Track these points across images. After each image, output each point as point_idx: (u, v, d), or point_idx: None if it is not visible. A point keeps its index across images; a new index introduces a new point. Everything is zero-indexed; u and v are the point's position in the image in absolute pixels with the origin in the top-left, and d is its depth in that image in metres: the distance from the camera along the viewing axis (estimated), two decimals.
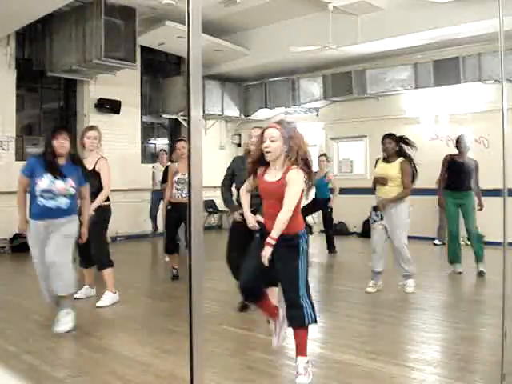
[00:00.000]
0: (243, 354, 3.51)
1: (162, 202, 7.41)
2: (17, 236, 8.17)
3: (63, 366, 3.28)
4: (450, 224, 6.28)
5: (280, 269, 2.94)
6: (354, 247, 9.47)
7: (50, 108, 9.93)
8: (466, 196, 6.11)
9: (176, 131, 11.77)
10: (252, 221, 3.31)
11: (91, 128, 5.12)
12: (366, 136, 10.46)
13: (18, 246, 8.05)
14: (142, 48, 10.03)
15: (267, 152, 2.92)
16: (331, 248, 8.19)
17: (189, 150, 1.21)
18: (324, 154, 8.59)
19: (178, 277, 6.05)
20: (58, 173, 3.92)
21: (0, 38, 8.36)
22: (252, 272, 3.03)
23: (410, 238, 5.32)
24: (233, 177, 4.64)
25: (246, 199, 3.33)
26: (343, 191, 9.57)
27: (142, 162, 10.81)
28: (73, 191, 3.98)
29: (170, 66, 11.61)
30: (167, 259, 6.62)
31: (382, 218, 5.18)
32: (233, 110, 11.47)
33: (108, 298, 4.84)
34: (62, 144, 4.00)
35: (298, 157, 2.88)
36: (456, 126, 9.22)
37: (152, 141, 11.67)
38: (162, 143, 11.88)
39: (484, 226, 7.50)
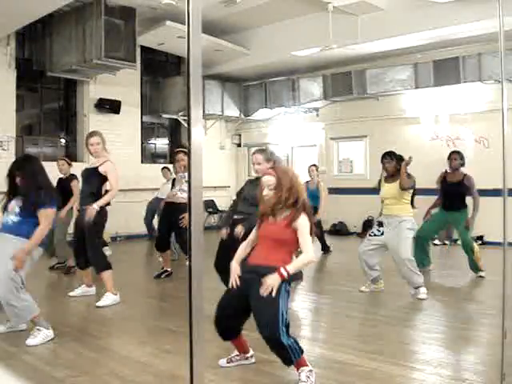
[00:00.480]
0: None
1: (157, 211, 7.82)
2: None
3: (63, 366, 3.28)
4: (424, 229, 6.14)
5: (257, 304, 2.84)
6: (354, 247, 9.42)
7: (50, 108, 9.94)
8: (457, 214, 6.05)
9: (176, 131, 11.78)
10: (234, 274, 3.06)
11: (92, 134, 5.06)
12: (366, 136, 10.46)
13: None
14: (142, 48, 10.03)
15: (268, 201, 2.99)
16: (325, 248, 8.18)
17: (189, 150, 1.21)
18: (314, 165, 8.47)
19: (161, 276, 6.18)
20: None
21: (0, 38, 8.37)
22: (227, 310, 3.02)
23: None
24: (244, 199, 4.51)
25: (244, 251, 3.14)
26: (343, 191, 9.61)
27: (142, 162, 10.82)
28: (17, 209, 3.73)
29: (169, 66, 11.61)
30: (160, 258, 6.67)
31: (382, 235, 5.17)
32: (233, 110, 11.47)
33: (109, 298, 4.84)
34: None
35: (298, 200, 2.94)
36: (456, 125, 9.23)
37: (152, 141, 11.67)
38: (162, 143, 11.88)
39: (484, 226, 7.51)
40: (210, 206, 11.47)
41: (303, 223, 2.89)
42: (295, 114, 11.61)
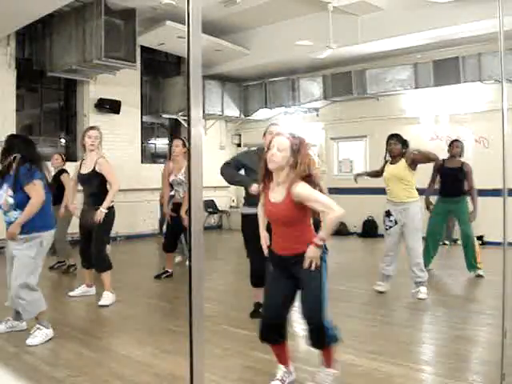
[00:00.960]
0: (243, 354, 3.51)
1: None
2: None
3: (63, 366, 3.28)
4: (432, 225, 6.19)
5: (302, 290, 2.74)
6: (354, 247, 9.47)
7: (50, 108, 9.94)
8: (457, 202, 6.07)
9: (176, 131, 11.77)
10: (265, 244, 2.96)
11: (92, 128, 5.09)
12: (365, 136, 10.47)
13: None
14: (142, 48, 10.03)
15: (272, 161, 2.64)
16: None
17: (189, 150, 1.21)
18: None
19: (161, 276, 6.18)
20: None
21: (0, 38, 8.37)
22: (276, 309, 2.80)
23: None
24: (239, 170, 4.37)
25: (262, 215, 2.95)
26: (343, 191, 9.60)
27: (142, 162, 10.82)
28: (12, 201, 3.65)
29: (169, 66, 11.61)
30: (176, 259, 6.73)
31: (396, 223, 5.08)
32: (233, 110, 11.47)
33: (109, 297, 4.86)
34: None
35: (302, 173, 2.62)
36: (456, 126, 9.23)
37: (152, 141, 11.67)
38: (162, 143, 11.88)
39: (484, 226, 7.51)
40: (210, 206, 11.47)
41: (302, 189, 2.58)
42: (295, 113, 11.61)
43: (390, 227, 5.13)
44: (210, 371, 3.05)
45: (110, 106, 9.87)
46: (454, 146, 6.22)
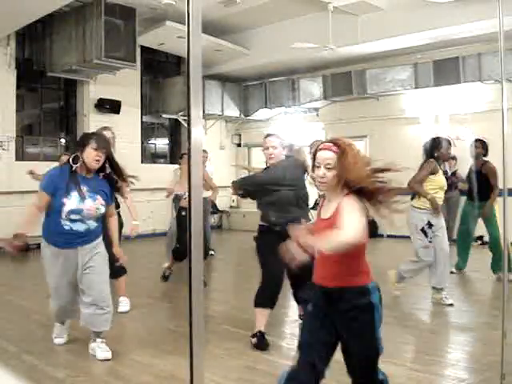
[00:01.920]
0: (243, 354, 3.50)
1: None
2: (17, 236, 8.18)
3: (63, 366, 3.28)
4: (464, 229, 6.01)
5: (351, 344, 2.26)
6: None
7: (50, 108, 9.94)
8: (482, 205, 5.67)
9: (176, 131, 11.78)
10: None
11: (105, 128, 4.61)
12: (365, 136, 10.46)
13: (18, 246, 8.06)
14: (142, 48, 10.03)
15: (322, 183, 2.17)
16: None
17: (189, 150, 1.21)
18: None
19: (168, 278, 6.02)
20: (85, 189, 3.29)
21: (0, 38, 8.37)
22: (318, 354, 2.26)
23: (409, 237, 5.29)
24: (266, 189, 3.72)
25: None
26: None
27: (141, 161, 10.81)
28: (103, 211, 3.38)
29: (170, 66, 11.61)
30: (165, 264, 6.20)
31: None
32: (233, 110, 11.46)
33: (127, 302, 4.73)
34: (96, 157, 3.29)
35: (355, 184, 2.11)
36: (456, 126, 9.23)
37: (152, 141, 11.67)
38: (162, 143, 11.88)
39: (484, 226, 7.48)
40: (210, 206, 11.46)
41: (345, 204, 2.07)
42: (295, 113, 11.60)
43: (431, 240, 4.75)
44: (210, 371, 3.04)
45: (109, 106, 9.87)
46: (474, 146, 5.95)
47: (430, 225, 4.70)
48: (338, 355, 3.44)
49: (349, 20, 8.40)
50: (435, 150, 4.77)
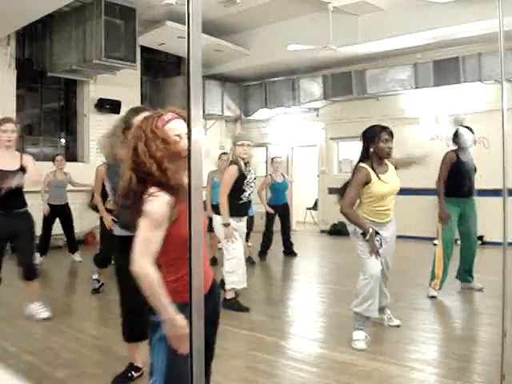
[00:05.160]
0: (243, 353, 3.51)
1: None
2: None
3: (63, 366, 3.28)
4: (448, 238, 5.09)
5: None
6: (354, 247, 9.45)
7: (50, 108, 9.93)
8: (468, 203, 5.15)
9: None
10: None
11: (6, 120, 4.24)
12: None
13: None
14: (142, 48, 10.02)
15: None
16: (290, 251, 7.86)
17: (189, 150, 1.21)
18: (279, 156, 8.34)
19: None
20: None
21: (0, 38, 8.37)
22: None
23: (410, 237, 5.28)
24: None
25: None
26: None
27: None
28: None
29: (169, 66, 11.61)
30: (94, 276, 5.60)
31: (381, 245, 3.79)
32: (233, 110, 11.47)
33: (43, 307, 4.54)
34: None
35: None
36: (456, 126, 9.22)
37: None
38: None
39: (484, 226, 7.48)
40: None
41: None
42: (295, 113, 11.60)
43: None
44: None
45: (109, 106, 9.86)
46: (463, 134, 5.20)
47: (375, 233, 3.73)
48: (338, 355, 3.45)
49: (349, 20, 8.40)
50: (371, 144, 3.68)
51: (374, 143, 3.64)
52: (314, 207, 12.11)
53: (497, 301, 3.03)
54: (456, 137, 5.21)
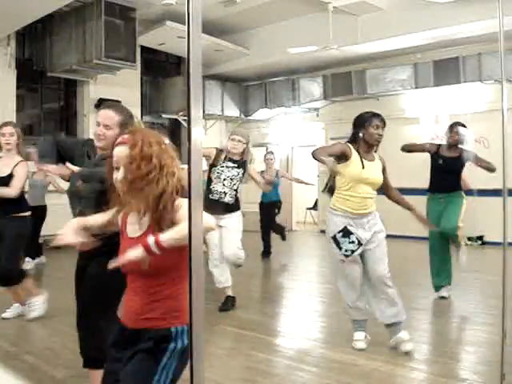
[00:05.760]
0: (243, 353, 3.51)
1: None
2: None
3: (63, 366, 3.27)
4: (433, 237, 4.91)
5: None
6: None
7: (50, 108, 9.94)
8: (454, 195, 4.89)
9: (176, 131, 11.78)
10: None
11: (5, 124, 4.19)
12: None
13: None
14: (142, 48, 10.02)
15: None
16: (267, 253, 7.68)
17: (189, 150, 1.21)
18: (271, 152, 8.20)
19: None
20: None
21: (0, 38, 8.36)
22: None
23: (410, 238, 5.26)
24: None
25: None
26: None
27: None
28: None
29: (170, 66, 11.61)
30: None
31: (359, 244, 3.41)
32: (233, 110, 11.47)
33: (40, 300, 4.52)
34: None
35: None
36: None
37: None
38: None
39: (484, 226, 7.50)
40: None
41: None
42: (295, 113, 11.60)
43: (353, 252, 3.44)
44: (210, 371, 3.05)
45: None
46: (454, 131, 4.93)
47: (347, 232, 3.43)
48: (338, 355, 3.45)
49: (349, 20, 8.40)
50: (360, 129, 3.57)
51: (364, 128, 3.53)
52: (314, 207, 12.11)
53: (497, 301, 3.03)
54: (450, 133, 5.00)
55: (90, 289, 2.57)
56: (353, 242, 3.40)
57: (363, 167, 3.43)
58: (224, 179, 4.52)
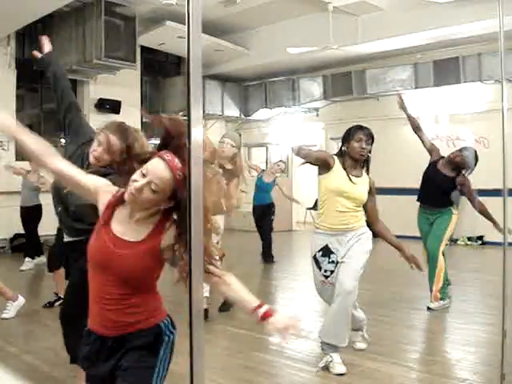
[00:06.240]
0: (243, 353, 3.51)
1: None
2: (17, 236, 8.19)
3: (63, 366, 3.27)
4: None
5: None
6: None
7: (50, 108, 9.91)
8: (443, 211, 4.75)
9: None
10: None
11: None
12: None
13: (18, 245, 8.07)
14: (142, 48, 10.02)
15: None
16: (268, 258, 7.45)
17: (189, 150, 1.21)
18: (283, 161, 8.24)
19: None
20: None
21: (0, 37, 8.37)
22: None
23: (410, 237, 5.25)
24: None
25: None
26: None
27: None
28: None
29: (170, 66, 11.61)
30: None
31: (336, 264, 3.21)
32: (233, 110, 11.47)
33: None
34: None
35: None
36: (456, 126, 9.23)
37: (152, 141, 11.66)
38: None
39: (484, 226, 7.48)
40: None
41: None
42: (295, 113, 11.60)
43: (332, 272, 3.22)
44: (210, 371, 3.05)
45: (109, 106, 9.86)
46: (456, 154, 4.75)
47: (327, 251, 3.23)
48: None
49: (349, 20, 8.40)
50: (345, 143, 3.41)
51: (348, 141, 3.37)
52: (314, 207, 12.11)
53: (497, 301, 3.03)
54: (457, 151, 4.84)
55: (74, 285, 2.55)
56: (332, 262, 3.20)
57: (344, 180, 3.24)
58: None
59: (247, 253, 8.11)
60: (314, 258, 3.28)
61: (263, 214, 7.47)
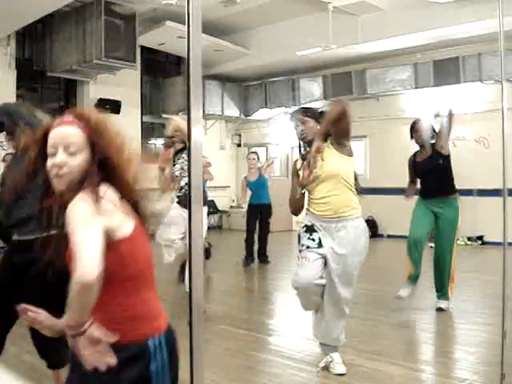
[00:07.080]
0: (243, 354, 3.51)
1: None
2: None
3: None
4: (415, 230, 4.58)
5: None
6: None
7: (50, 108, 9.94)
8: (445, 202, 4.54)
9: None
10: None
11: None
12: (365, 136, 10.45)
13: None
14: (142, 48, 10.03)
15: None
16: (264, 258, 7.35)
17: (189, 150, 1.21)
18: (254, 152, 7.77)
19: None
20: None
21: (0, 37, 8.37)
22: None
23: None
24: None
25: None
26: None
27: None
28: None
29: (170, 66, 11.62)
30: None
31: (320, 245, 3.06)
32: (233, 110, 11.47)
33: None
34: None
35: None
36: (456, 126, 9.22)
37: (152, 141, 11.68)
38: (162, 143, 11.89)
39: (484, 226, 7.51)
40: (210, 206, 11.46)
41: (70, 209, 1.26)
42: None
43: (308, 247, 3.07)
44: (210, 371, 3.04)
45: (110, 106, 9.85)
46: (416, 130, 4.66)
47: (310, 229, 3.13)
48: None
49: (349, 20, 8.40)
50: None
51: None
52: None
53: (497, 301, 3.03)
54: (411, 132, 4.73)
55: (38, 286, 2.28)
56: (313, 240, 3.06)
57: (304, 168, 3.13)
58: (174, 171, 4.79)
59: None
60: (298, 235, 3.20)
61: (260, 214, 7.31)
